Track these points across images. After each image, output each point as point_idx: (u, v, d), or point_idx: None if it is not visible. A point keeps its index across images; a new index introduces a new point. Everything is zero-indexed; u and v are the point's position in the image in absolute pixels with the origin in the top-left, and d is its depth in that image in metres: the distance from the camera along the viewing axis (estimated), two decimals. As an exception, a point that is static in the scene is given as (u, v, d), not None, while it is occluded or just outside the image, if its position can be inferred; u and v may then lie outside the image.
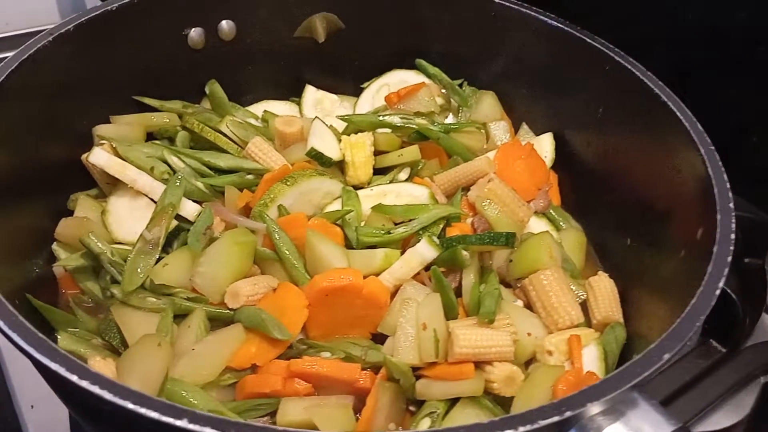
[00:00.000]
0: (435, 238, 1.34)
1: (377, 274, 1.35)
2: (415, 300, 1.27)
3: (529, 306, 1.42)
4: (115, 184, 1.51)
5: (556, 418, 0.86)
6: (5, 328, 0.92)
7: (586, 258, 1.60)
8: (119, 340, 1.31)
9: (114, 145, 1.50)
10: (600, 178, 1.65)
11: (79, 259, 1.37)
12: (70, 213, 1.50)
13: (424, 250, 1.32)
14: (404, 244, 1.42)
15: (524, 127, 1.81)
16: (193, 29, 1.69)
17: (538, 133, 1.78)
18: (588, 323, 1.41)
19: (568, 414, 0.86)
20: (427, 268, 1.36)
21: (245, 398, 1.20)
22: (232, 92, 1.81)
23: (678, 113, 1.37)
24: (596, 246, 1.64)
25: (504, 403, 1.24)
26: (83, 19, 1.46)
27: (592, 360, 1.28)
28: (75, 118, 1.53)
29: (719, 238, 1.11)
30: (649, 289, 1.40)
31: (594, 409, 0.89)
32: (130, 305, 1.31)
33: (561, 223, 1.64)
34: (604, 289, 1.44)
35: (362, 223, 1.47)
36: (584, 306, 1.43)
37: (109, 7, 1.51)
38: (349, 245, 1.42)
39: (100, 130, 1.56)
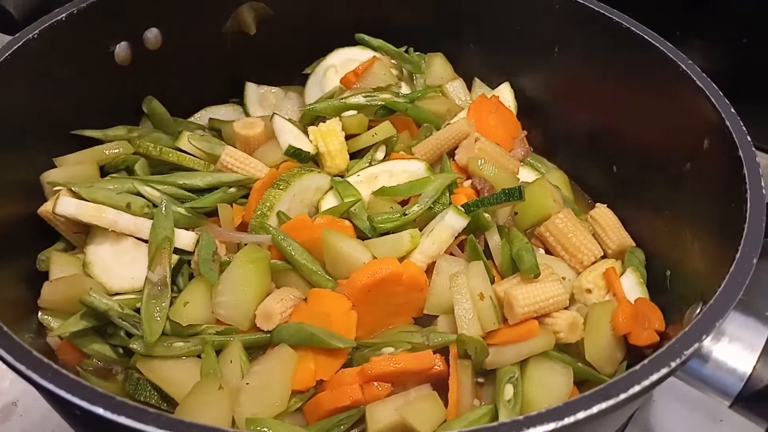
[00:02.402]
0: (460, 207, 1.31)
1: (404, 258, 1.30)
2: (461, 273, 1.24)
3: (548, 252, 1.44)
4: (85, 232, 1.34)
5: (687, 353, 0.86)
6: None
7: (574, 195, 1.65)
8: (158, 397, 1.18)
9: (74, 189, 1.33)
10: (564, 114, 1.69)
11: (79, 322, 1.21)
12: (43, 275, 1.32)
13: (454, 221, 1.29)
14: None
15: (477, 81, 1.81)
16: (118, 45, 1.52)
17: (492, 86, 1.79)
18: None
19: (695, 346, 0.87)
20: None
21: (323, 417, 1.13)
22: (169, 104, 1.66)
23: (638, 31, 1.42)
24: (578, 182, 1.69)
25: (567, 350, 1.25)
26: (7, 54, 1.26)
27: (632, 287, 1.33)
28: (17, 168, 1.34)
29: (739, 141, 1.15)
30: (651, 208, 1.46)
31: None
32: (156, 357, 1.19)
33: (539, 168, 1.67)
34: (608, 218, 1.49)
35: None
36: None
37: (30, 35, 1.31)
38: (361, 236, 1.36)
39: (51, 176, 1.37)
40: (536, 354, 1.20)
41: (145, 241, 1.31)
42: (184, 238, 1.32)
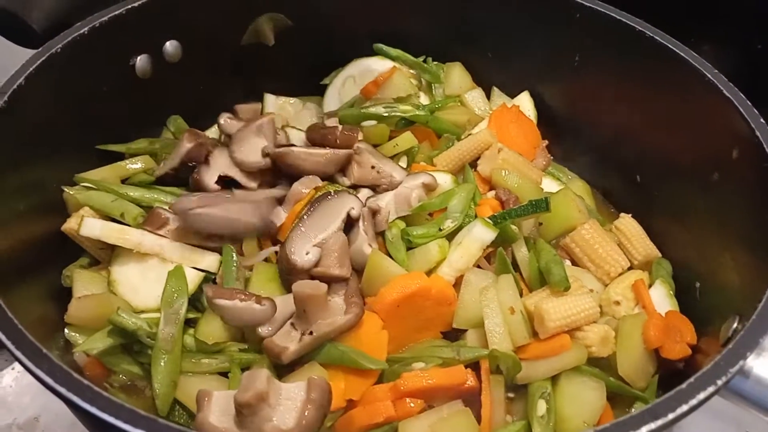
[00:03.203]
0: (488, 219, 1.30)
1: (432, 270, 1.30)
2: (491, 286, 1.23)
3: (573, 263, 1.43)
4: (110, 247, 1.34)
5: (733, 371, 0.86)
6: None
7: (597, 205, 1.64)
8: (187, 417, 1.17)
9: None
10: (585, 123, 1.68)
11: (106, 339, 1.21)
12: (69, 290, 1.31)
13: (483, 234, 1.28)
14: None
15: (495, 91, 1.80)
16: (138, 57, 1.51)
17: (511, 95, 1.78)
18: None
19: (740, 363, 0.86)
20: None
21: (356, 435, 1.12)
22: (188, 116, 1.66)
23: (662, 40, 1.41)
24: (600, 191, 1.68)
25: (596, 364, 1.23)
26: (32, 68, 1.26)
27: (662, 299, 1.32)
28: (41, 185, 1.34)
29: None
30: (677, 219, 1.45)
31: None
32: (183, 372, 1.18)
33: (561, 178, 1.66)
34: (633, 229, 1.48)
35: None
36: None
37: (54, 50, 1.31)
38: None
39: (73, 193, 1.36)
40: (567, 369, 1.19)
41: (170, 259, 1.31)
42: (209, 261, 1.31)
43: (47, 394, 0.81)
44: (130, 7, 1.44)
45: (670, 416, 0.78)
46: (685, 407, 0.79)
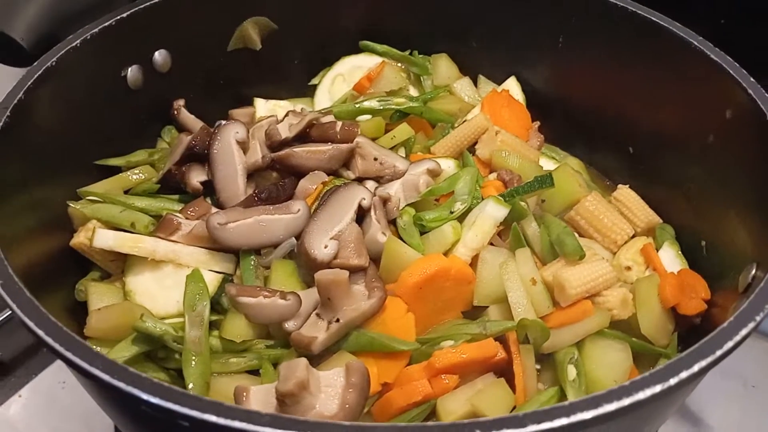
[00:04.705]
0: (499, 197, 1.32)
1: (448, 251, 1.31)
2: (508, 261, 1.26)
3: (580, 236, 1.46)
4: (121, 259, 1.32)
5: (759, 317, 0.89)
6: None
7: (592, 179, 1.68)
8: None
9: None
10: (573, 102, 1.72)
11: (131, 347, 1.19)
12: (83, 304, 1.29)
13: (496, 211, 1.30)
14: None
15: (482, 78, 1.83)
16: (129, 68, 1.51)
17: (497, 81, 1.82)
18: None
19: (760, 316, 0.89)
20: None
21: (394, 416, 1.12)
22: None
23: (645, 14, 1.46)
24: (594, 166, 1.72)
25: (617, 327, 1.26)
26: (29, 82, 1.24)
27: (672, 260, 1.36)
28: (47, 201, 1.32)
29: (765, 107, 1.19)
30: (673, 184, 1.49)
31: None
32: (214, 374, 1.17)
33: (555, 156, 1.70)
34: (632, 198, 1.52)
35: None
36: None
37: (49, 63, 1.29)
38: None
39: (79, 207, 1.34)
40: (591, 333, 1.22)
41: (184, 264, 1.30)
42: (225, 263, 1.31)
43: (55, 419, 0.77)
44: (119, 17, 1.44)
45: (718, 353, 0.80)
46: (730, 343, 0.82)
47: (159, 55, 1.57)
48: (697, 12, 2.00)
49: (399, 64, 1.77)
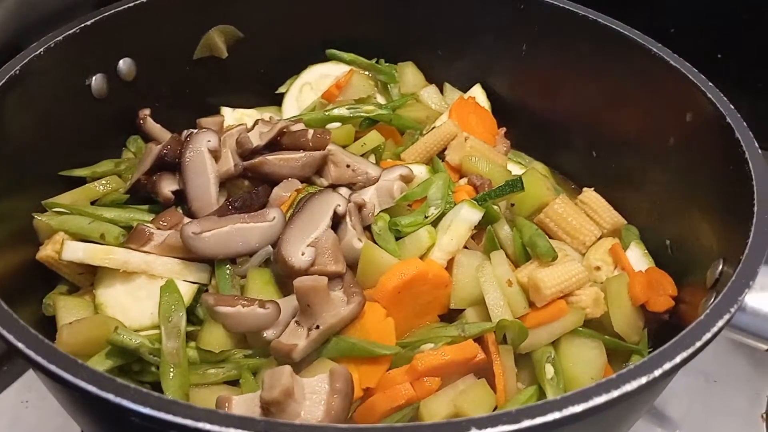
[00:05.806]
0: (473, 200, 1.34)
1: (423, 256, 1.32)
2: (484, 264, 1.27)
3: (549, 237, 1.49)
4: (90, 271, 1.29)
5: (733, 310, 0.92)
6: None
7: (558, 183, 1.72)
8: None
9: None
10: (538, 109, 1.76)
11: (105, 361, 1.16)
12: (51, 319, 1.26)
13: (470, 215, 1.32)
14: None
15: (447, 86, 1.86)
16: (94, 77, 1.48)
17: (463, 89, 1.84)
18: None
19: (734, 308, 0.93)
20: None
21: (378, 420, 1.12)
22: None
23: (605, 23, 1.51)
24: (559, 171, 1.76)
25: (589, 326, 1.29)
26: (-7, 89, 1.21)
27: (639, 258, 1.40)
28: (11, 214, 1.27)
29: (723, 109, 1.24)
30: (637, 186, 1.54)
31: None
32: (192, 386, 1.15)
33: (521, 162, 1.74)
34: (597, 200, 1.56)
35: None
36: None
37: (12, 73, 1.26)
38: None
39: (45, 219, 1.30)
40: (567, 332, 1.25)
41: (156, 275, 1.27)
42: (199, 273, 1.29)
43: None
44: (83, 25, 1.41)
45: (698, 344, 0.83)
46: (708, 335, 0.85)
47: (124, 64, 1.54)
48: (648, 22, 2.11)
49: (366, 72, 1.78)
